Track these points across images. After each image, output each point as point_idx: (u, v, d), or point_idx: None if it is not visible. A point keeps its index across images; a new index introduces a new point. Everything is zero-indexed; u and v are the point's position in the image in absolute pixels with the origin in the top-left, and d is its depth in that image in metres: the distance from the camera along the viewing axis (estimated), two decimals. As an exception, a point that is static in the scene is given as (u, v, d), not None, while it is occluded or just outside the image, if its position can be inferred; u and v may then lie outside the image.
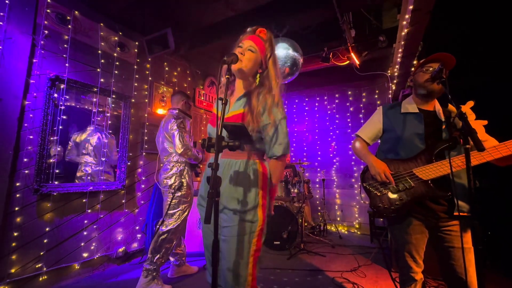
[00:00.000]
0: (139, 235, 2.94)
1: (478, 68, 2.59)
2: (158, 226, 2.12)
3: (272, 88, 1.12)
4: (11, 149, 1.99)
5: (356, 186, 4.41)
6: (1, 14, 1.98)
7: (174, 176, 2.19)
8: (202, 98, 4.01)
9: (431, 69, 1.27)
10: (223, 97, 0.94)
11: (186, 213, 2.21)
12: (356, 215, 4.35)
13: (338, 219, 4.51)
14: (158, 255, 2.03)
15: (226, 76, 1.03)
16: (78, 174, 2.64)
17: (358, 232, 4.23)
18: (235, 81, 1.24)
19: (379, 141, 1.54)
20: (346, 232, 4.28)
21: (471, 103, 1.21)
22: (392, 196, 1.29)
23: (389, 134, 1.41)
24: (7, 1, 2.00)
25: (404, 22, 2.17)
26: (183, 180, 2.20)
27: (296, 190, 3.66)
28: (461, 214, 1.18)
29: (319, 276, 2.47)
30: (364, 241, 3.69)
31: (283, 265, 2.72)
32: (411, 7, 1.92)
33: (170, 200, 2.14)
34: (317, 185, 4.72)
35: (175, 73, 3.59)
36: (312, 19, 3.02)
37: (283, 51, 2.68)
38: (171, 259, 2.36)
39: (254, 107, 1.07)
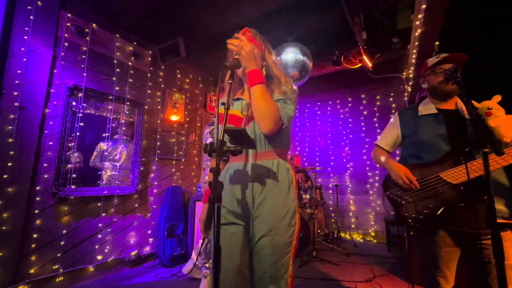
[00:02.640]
0: (151, 239, 2.98)
1: (500, 64, 2.44)
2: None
3: (277, 76, 1.11)
4: (32, 155, 2.11)
5: (371, 192, 4.26)
6: (26, 29, 2.12)
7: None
8: (214, 104, 4.06)
9: (441, 70, 1.20)
10: (225, 102, 0.94)
11: None
12: (372, 223, 4.18)
13: (353, 226, 4.35)
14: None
15: (229, 81, 1.03)
16: (103, 178, 2.80)
17: (374, 241, 4.05)
18: (241, 85, 1.24)
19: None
20: (361, 240, 4.12)
21: (498, 97, 1.08)
22: (419, 204, 1.18)
23: (409, 139, 1.32)
24: (31, 17, 2.15)
25: (418, 22, 2.11)
26: None
27: (308, 196, 3.58)
28: (502, 221, 1.06)
29: (332, 285, 2.38)
30: (380, 250, 3.53)
31: (294, 272, 2.65)
32: (424, 6, 1.85)
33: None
34: (330, 191, 4.60)
35: (187, 80, 3.68)
36: (322, 23, 3.00)
37: (292, 55, 2.67)
38: (194, 257, 2.38)
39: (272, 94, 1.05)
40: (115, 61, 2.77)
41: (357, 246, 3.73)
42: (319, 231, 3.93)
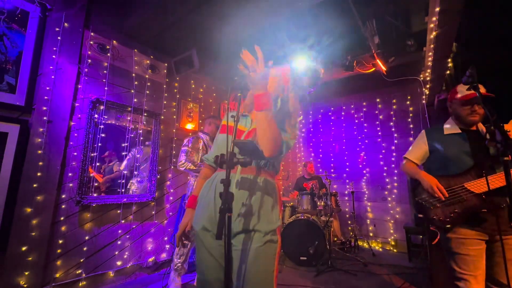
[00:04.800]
0: (167, 246, 3.05)
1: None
2: None
3: (291, 112, 1.11)
4: (58, 165, 2.25)
5: (389, 199, 4.10)
6: (54, 48, 2.30)
7: (188, 186, 2.57)
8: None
9: (469, 106, 1.36)
10: (234, 115, 0.97)
11: None
12: (392, 231, 4.02)
13: (371, 234, 4.20)
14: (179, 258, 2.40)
15: (238, 94, 1.06)
16: (131, 186, 2.94)
17: (395, 250, 3.89)
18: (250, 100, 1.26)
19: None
20: (380, 249, 3.96)
21: None
22: (446, 209, 1.34)
23: (435, 154, 1.49)
24: (59, 38, 2.33)
25: (432, 25, 2.05)
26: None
27: (322, 203, 3.53)
28: None
29: (349, 297, 2.31)
30: (401, 259, 3.38)
31: (310, 282, 2.60)
32: (437, 8, 1.81)
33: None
34: (346, 198, 4.49)
35: (201, 90, 3.79)
36: (333, 29, 2.99)
37: (303, 63, 2.67)
38: (175, 260, 2.45)
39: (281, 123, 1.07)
40: (133, 74, 2.92)
41: (376, 255, 3.59)
42: (335, 239, 3.84)
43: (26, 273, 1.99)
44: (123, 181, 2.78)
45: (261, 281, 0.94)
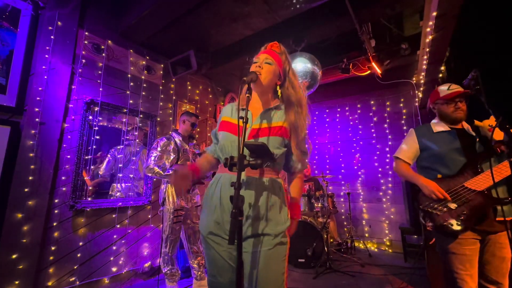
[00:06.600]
0: (164, 250, 2.98)
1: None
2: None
3: (301, 100, 1.11)
4: (51, 168, 2.17)
5: (384, 200, 4.16)
6: (47, 48, 2.23)
7: (161, 191, 2.35)
8: (223, 113, 4.11)
9: (453, 103, 1.41)
10: (243, 116, 0.95)
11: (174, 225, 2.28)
12: (387, 231, 4.07)
13: (367, 235, 4.24)
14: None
15: (247, 95, 1.04)
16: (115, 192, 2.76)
17: (390, 250, 3.93)
18: (252, 95, 1.23)
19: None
20: (376, 250, 4.00)
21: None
22: (454, 212, 1.31)
23: (426, 152, 1.49)
24: (52, 37, 2.25)
25: (428, 29, 2.10)
26: (165, 196, 2.30)
27: (319, 205, 3.54)
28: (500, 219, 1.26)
29: (349, 298, 2.31)
30: (397, 260, 3.42)
31: (309, 284, 2.60)
32: (434, 13, 1.85)
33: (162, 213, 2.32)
34: (341, 199, 4.53)
35: (197, 91, 3.75)
36: (330, 32, 3.02)
37: (301, 65, 2.69)
38: (194, 273, 2.37)
39: (295, 122, 1.06)
40: (129, 75, 2.86)
41: (372, 256, 3.62)
42: (331, 240, 3.86)
43: (17, 282, 1.90)
44: (119, 184, 2.71)
45: (272, 284, 0.94)
